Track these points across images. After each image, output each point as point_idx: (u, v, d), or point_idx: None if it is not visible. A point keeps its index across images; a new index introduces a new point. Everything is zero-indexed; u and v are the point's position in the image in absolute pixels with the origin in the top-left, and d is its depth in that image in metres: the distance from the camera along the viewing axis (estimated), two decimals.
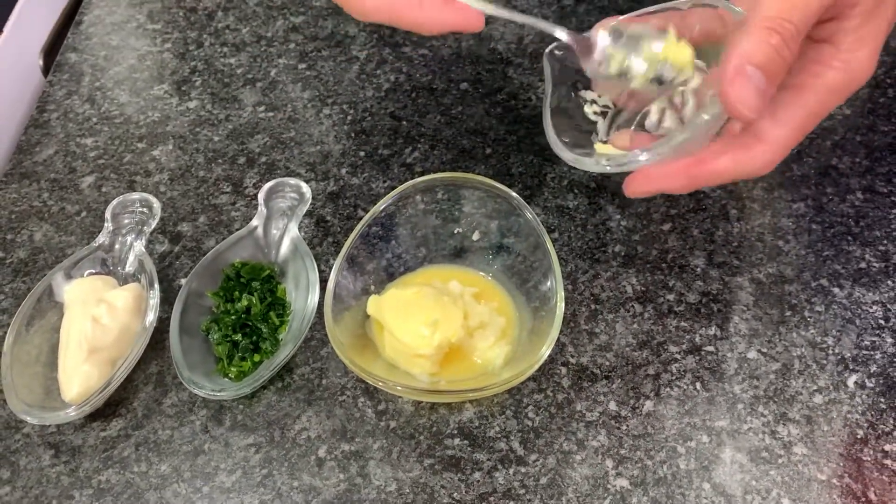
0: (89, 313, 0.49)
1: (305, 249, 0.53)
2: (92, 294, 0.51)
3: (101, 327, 0.49)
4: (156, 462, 0.47)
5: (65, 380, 0.48)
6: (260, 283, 0.52)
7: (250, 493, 0.46)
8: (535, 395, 0.49)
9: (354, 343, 0.48)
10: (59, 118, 0.66)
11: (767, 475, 0.46)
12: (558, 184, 0.60)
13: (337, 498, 0.46)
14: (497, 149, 0.62)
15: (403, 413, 0.49)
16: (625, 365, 0.50)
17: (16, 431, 0.49)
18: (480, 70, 0.68)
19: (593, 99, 0.51)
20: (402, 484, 0.46)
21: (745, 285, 0.54)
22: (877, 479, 0.46)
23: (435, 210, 0.54)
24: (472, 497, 0.45)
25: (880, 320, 0.52)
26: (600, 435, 0.48)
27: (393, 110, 0.66)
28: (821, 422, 0.48)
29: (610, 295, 0.54)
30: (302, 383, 0.50)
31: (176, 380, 0.50)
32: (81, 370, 0.48)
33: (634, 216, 0.58)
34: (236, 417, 0.49)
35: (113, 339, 0.49)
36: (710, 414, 0.48)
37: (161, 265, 0.56)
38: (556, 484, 0.46)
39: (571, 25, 0.70)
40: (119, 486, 0.46)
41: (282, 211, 0.56)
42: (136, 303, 0.50)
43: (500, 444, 0.47)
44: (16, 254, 0.57)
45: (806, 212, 0.57)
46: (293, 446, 0.48)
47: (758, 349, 0.51)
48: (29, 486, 0.47)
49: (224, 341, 0.49)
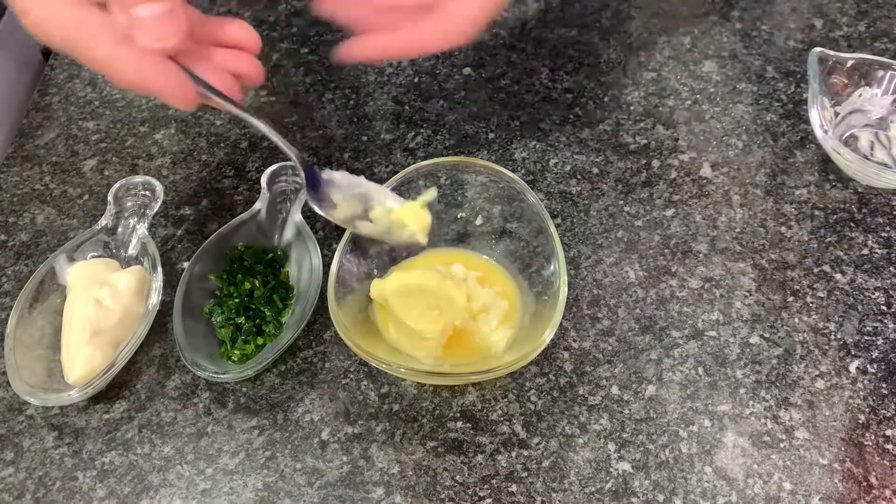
0: (92, 296, 0.49)
1: (308, 233, 0.53)
2: (95, 277, 0.51)
3: (104, 310, 0.49)
4: (159, 444, 0.47)
5: (68, 362, 0.48)
6: (263, 267, 0.52)
7: (253, 475, 0.46)
8: (538, 379, 0.49)
9: (358, 327, 0.48)
10: (61, 101, 0.66)
11: (769, 459, 0.46)
12: (561, 169, 0.60)
13: (340, 480, 0.46)
14: (500, 134, 0.62)
15: (406, 396, 0.49)
16: (627, 349, 0.50)
17: (19, 413, 0.49)
18: (483, 55, 0.68)
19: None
20: (405, 466, 0.46)
21: (747, 271, 0.54)
22: (878, 463, 0.46)
23: (438, 195, 0.54)
24: (474, 479, 0.46)
25: (882, 306, 0.52)
26: (602, 419, 0.48)
27: (395, 95, 0.65)
28: (822, 407, 0.48)
29: (612, 280, 0.54)
30: (305, 366, 0.50)
31: (179, 362, 0.50)
32: (84, 352, 0.48)
33: (637, 202, 0.58)
34: (239, 400, 0.49)
35: (116, 321, 0.49)
36: (712, 398, 0.48)
37: (164, 248, 0.56)
38: (558, 467, 0.46)
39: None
40: (122, 468, 0.47)
41: (285, 195, 0.56)
42: (139, 285, 0.50)
43: (503, 427, 0.48)
44: (18, 237, 0.57)
45: (808, 198, 0.57)
46: (296, 429, 0.48)
47: (760, 334, 0.51)
48: (33, 467, 0.47)
49: (227, 324, 0.50)
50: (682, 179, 0.59)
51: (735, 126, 0.62)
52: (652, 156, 0.60)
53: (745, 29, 0.69)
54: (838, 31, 0.68)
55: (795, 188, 0.58)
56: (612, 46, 0.68)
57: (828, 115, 0.57)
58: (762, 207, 0.57)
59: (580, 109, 0.64)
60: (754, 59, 0.66)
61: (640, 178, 0.59)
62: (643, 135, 0.62)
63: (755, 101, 0.63)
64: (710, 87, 0.65)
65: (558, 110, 0.64)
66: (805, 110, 0.62)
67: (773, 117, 0.62)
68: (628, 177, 0.59)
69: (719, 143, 0.61)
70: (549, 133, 0.62)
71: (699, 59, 0.67)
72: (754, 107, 0.63)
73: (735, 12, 0.70)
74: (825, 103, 0.57)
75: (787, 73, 0.65)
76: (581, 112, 0.63)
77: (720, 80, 0.65)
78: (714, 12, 0.70)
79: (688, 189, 0.58)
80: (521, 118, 0.63)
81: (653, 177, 0.59)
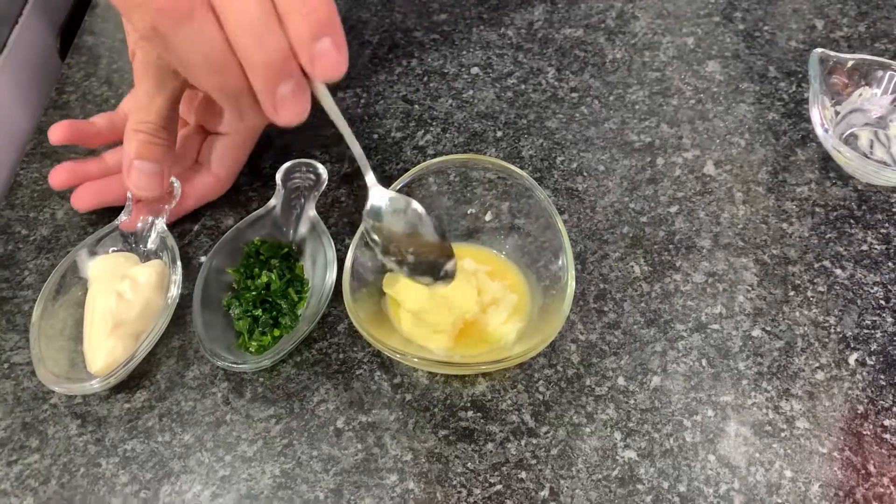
0: (113, 288, 0.50)
1: (323, 228, 0.55)
2: (115, 270, 0.52)
3: (125, 302, 0.50)
4: (179, 432, 0.49)
5: (90, 353, 0.49)
6: (279, 261, 0.53)
7: (271, 462, 0.48)
8: (546, 371, 0.51)
9: (371, 319, 0.49)
10: (78, 100, 0.67)
11: (770, 448, 0.47)
12: (567, 167, 0.61)
13: (355, 467, 0.47)
14: (507, 132, 0.64)
15: (418, 386, 0.50)
16: (633, 342, 0.52)
17: (43, 402, 0.50)
18: (491, 55, 0.69)
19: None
20: (418, 454, 0.48)
21: (749, 266, 0.55)
22: (876, 452, 0.47)
23: (447, 191, 0.56)
24: (485, 467, 0.47)
25: (881, 300, 0.53)
26: (609, 409, 0.49)
27: (405, 94, 0.67)
28: (822, 397, 0.49)
29: (618, 275, 0.55)
30: (320, 357, 0.52)
31: (198, 354, 0.52)
32: (106, 344, 0.49)
33: (642, 199, 0.59)
34: (256, 390, 0.50)
35: (136, 313, 0.50)
36: (715, 389, 0.50)
37: (181, 243, 0.57)
38: (566, 455, 0.47)
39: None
40: (144, 455, 0.48)
41: (299, 191, 0.57)
42: (158, 279, 0.52)
43: (513, 416, 0.49)
44: (39, 231, 0.59)
45: (809, 195, 0.59)
46: (312, 417, 0.49)
47: (762, 327, 0.52)
48: (57, 453, 0.48)
49: (245, 316, 0.51)
50: (685, 177, 0.60)
51: (738, 125, 0.63)
52: (656, 154, 0.62)
53: (747, 30, 0.70)
54: (839, 31, 0.69)
55: (797, 185, 0.59)
56: (618, 46, 0.69)
57: (828, 115, 0.59)
58: (764, 204, 0.58)
59: (586, 108, 0.65)
60: (756, 59, 0.68)
61: (645, 176, 0.60)
62: (648, 133, 0.63)
63: (757, 100, 0.65)
64: (713, 86, 0.66)
65: (564, 109, 0.65)
66: (806, 109, 0.64)
67: (774, 116, 0.64)
68: (633, 174, 0.61)
69: (722, 141, 0.62)
70: (556, 131, 0.64)
71: (702, 59, 0.68)
72: (756, 106, 0.64)
73: (738, 13, 0.71)
74: (826, 103, 0.59)
75: (788, 73, 0.66)
76: (587, 111, 0.65)
77: (723, 79, 0.66)
78: (717, 13, 0.71)
79: (691, 186, 0.60)
80: (528, 116, 0.65)
81: (657, 174, 0.60)
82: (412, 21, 0.73)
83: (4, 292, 0.55)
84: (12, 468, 0.48)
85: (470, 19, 0.72)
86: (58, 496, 0.47)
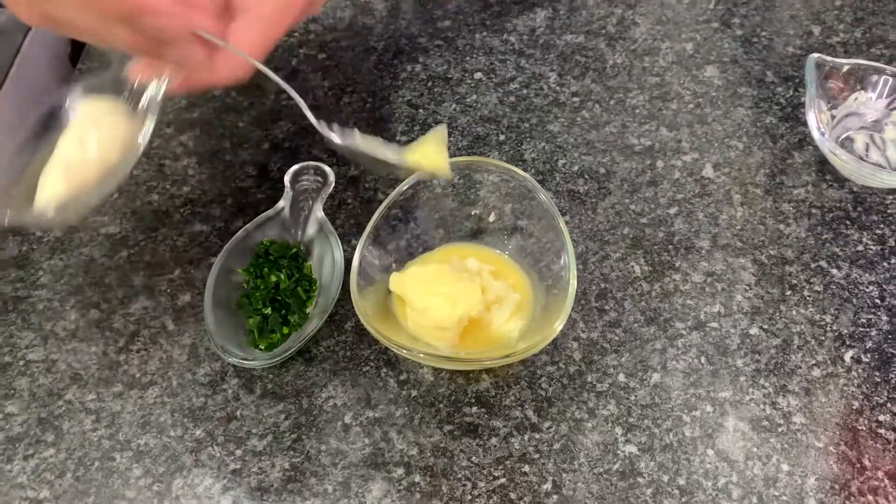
0: (79, 134, 0.50)
1: (330, 229, 0.56)
2: (96, 117, 0.51)
3: (84, 149, 0.49)
4: (191, 427, 0.50)
5: (39, 189, 0.49)
6: (287, 261, 0.55)
7: (281, 456, 0.49)
8: (548, 367, 0.52)
9: (378, 317, 0.51)
10: None
11: (768, 442, 0.49)
12: (569, 169, 0.62)
13: (363, 461, 0.48)
14: (510, 136, 0.65)
15: (424, 383, 0.52)
16: (633, 340, 0.53)
17: (58, 398, 0.52)
18: (494, 60, 0.71)
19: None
20: (424, 448, 0.49)
21: (747, 266, 0.56)
22: (871, 446, 0.48)
23: (452, 193, 0.57)
24: (489, 461, 0.48)
25: (876, 299, 0.55)
26: (610, 404, 0.50)
27: (410, 98, 0.68)
28: (819, 394, 0.50)
29: (619, 274, 0.56)
30: (328, 354, 0.53)
31: (209, 351, 0.53)
32: (54, 183, 0.48)
33: (642, 200, 0.60)
34: (266, 386, 0.52)
35: (92, 159, 0.49)
36: (714, 386, 0.51)
37: (193, 244, 0.59)
38: (568, 449, 0.49)
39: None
40: (157, 449, 0.49)
41: (307, 193, 0.58)
42: (127, 132, 0.50)
43: (516, 412, 0.50)
44: (52, 232, 0.60)
45: (806, 197, 0.60)
46: (320, 413, 0.50)
47: (759, 326, 0.54)
48: (72, 448, 0.50)
49: (255, 314, 0.52)
50: (685, 179, 0.61)
51: (736, 128, 0.65)
52: (656, 157, 0.63)
53: (745, 35, 0.71)
54: (835, 37, 0.70)
55: (794, 188, 0.61)
56: (618, 52, 0.71)
57: (825, 118, 0.60)
58: (762, 206, 0.60)
59: (587, 112, 0.66)
60: (754, 64, 0.69)
61: (645, 178, 0.62)
62: (648, 136, 0.64)
63: (755, 104, 0.66)
64: (711, 91, 0.67)
65: (566, 113, 0.66)
66: (803, 113, 0.65)
67: (772, 120, 0.65)
68: (633, 177, 0.62)
69: (721, 144, 0.64)
70: (558, 135, 0.65)
71: (701, 65, 0.69)
72: (754, 110, 0.66)
73: (736, 19, 0.73)
74: (822, 107, 0.60)
75: (785, 78, 0.68)
76: (588, 115, 0.66)
77: (721, 84, 0.68)
78: (715, 20, 0.73)
79: (690, 188, 0.61)
80: (530, 120, 0.66)
81: (657, 177, 0.62)
82: (417, 27, 0.74)
83: (19, 292, 0.57)
84: (29, 462, 0.49)
85: (473, 26, 0.74)
86: (73, 489, 0.48)
